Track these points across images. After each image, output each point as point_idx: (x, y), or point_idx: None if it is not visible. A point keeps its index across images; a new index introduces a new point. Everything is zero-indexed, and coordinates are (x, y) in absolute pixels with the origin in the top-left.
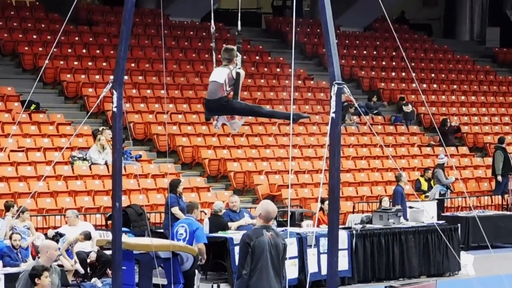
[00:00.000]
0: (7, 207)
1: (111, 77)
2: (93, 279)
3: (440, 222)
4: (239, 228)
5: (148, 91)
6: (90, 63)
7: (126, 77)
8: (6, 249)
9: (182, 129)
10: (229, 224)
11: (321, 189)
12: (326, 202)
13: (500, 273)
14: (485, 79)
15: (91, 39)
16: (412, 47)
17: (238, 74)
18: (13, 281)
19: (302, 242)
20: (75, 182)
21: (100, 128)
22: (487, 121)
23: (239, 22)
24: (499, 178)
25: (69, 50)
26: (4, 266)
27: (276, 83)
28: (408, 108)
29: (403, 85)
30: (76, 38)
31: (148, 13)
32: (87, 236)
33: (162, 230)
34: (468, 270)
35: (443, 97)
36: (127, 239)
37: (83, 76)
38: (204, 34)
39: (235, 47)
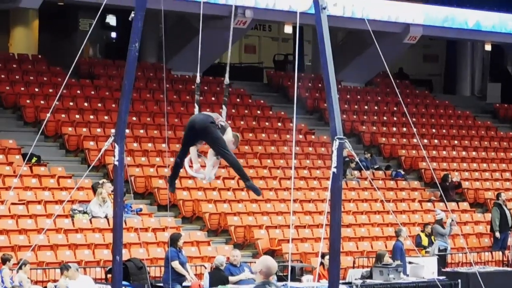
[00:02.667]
0: (4, 260)
1: (113, 130)
2: None
3: (441, 277)
4: (239, 282)
5: (149, 144)
6: (91, 116)
7: (127, 131)
8: None
9: (183, 183)
10: (229, 278)
11: (322, 243)
12: (327, 257)
13: None
14: (486, 135)
15: (92, 92)
16: (413, 103)
17: (221, 126)
18: None
19: None
20: (75, 235)
21: (100, 182)
22: (488, 177)
23: (226, 75)
24: (497, 234)
25: (71, 103)
26: None
27: (277, 138)
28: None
29: (404, 140)
30: (78, 91)
31: (149, 67)
32: (67, 267)
33: (162, 284)
34: None
35: (444, 152)
36: None
37: (84, 129)
38: (205, 88)
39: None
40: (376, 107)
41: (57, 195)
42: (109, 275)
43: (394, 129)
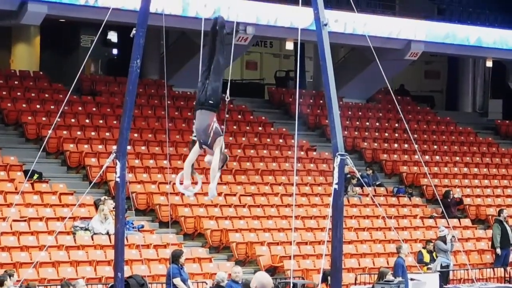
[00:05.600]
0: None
1: (114, 147)
2: None
3: None
4: None
5: (151, 161)
6: (93, 133)
7: (129, 147)
8: None
9: (185, 199)
10: None
11: (324, 260)
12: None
13: None
14: (488, 151)
15: (94, 109)
16: (414, 119)
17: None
18: None
19: None
20: (77, 252)
21: (102, 198)
22: (490, 193)
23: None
24: (498, 250)
25: (72, 120)
26: None
27: (279, 154)
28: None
29: (406, 156)
30: (80, 108)
31: (151, 84)
32: (68, 284)
33: None
34: None
35: (446, 168)
36: None
37: (86, 146)
38: None
39: None
40: (377, 124)
41: (59, 212)
42: None
43: (396, 145)
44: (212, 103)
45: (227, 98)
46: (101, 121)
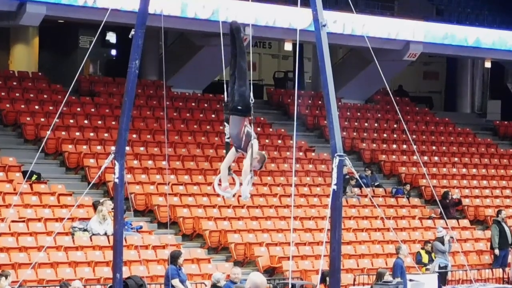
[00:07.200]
0: None
1: (113, 148)
2: None
3: None
4: None
5: (150, 162)
6: (91, 134)
7: (127, 148)
8: None
9: (183, 200)
10: None
11: (322, 261)
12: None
13: None
14: (486, 152)
15: (93, 110)
16: (413, 120)
17: (249, 132)
18: None
19: None
20: (75, 253)
21: (101, 199)
22: (488, 194)
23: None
24: (496, 251)
25: (71, 121)
26: None
27: (278, 155)
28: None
29: (404, 157)
30: (78, 109)
31: (150, 85)
32: (66, 284)
33: None
34: None
35: (444, 169)
36: None
37: (84, 147)
38: (205, 105)
39: None
40: (376, 124)
41: (57, 212)
42: None
43: (394, 146)
44: (241, 109)
45: (252, 100)
46: (99, 122)
